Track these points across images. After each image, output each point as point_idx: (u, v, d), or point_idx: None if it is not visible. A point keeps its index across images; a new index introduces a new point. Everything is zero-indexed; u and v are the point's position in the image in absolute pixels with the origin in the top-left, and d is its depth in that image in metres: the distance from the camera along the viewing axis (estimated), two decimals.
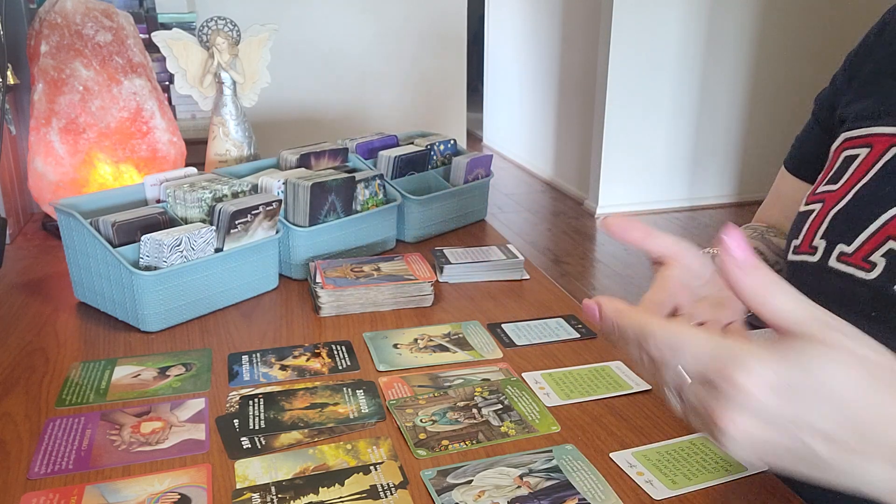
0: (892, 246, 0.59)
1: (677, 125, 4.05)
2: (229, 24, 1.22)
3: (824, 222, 0.65)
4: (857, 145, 0.67)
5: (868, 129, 0.66)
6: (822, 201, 0.67)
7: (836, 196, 0.65)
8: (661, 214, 4.10)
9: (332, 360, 0.81)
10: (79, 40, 1.15)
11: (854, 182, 0.64)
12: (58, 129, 1.15)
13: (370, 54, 2.80)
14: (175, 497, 0.59)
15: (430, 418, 0.70)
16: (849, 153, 0.67)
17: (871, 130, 0.66)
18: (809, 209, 0.68)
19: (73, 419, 0.70)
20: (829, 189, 0.67)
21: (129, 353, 0.83)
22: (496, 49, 5.46)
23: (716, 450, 0.66)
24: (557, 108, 4.55)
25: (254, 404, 0.72)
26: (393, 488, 0.60)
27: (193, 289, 0.90)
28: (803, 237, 0.67)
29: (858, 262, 0.61)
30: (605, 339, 0.72)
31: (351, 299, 0.93)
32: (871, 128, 0.66)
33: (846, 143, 0.68)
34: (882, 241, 0.59)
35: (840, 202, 0.64)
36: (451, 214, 1.23)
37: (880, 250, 0.59)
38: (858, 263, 0.61)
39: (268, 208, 0.95)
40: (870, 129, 0.66)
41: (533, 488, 0.60)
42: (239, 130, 1.25)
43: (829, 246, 0.63)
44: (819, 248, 0.64)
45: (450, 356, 0.83)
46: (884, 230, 0.60)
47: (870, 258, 0.60)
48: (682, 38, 3.88)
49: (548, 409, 0.72)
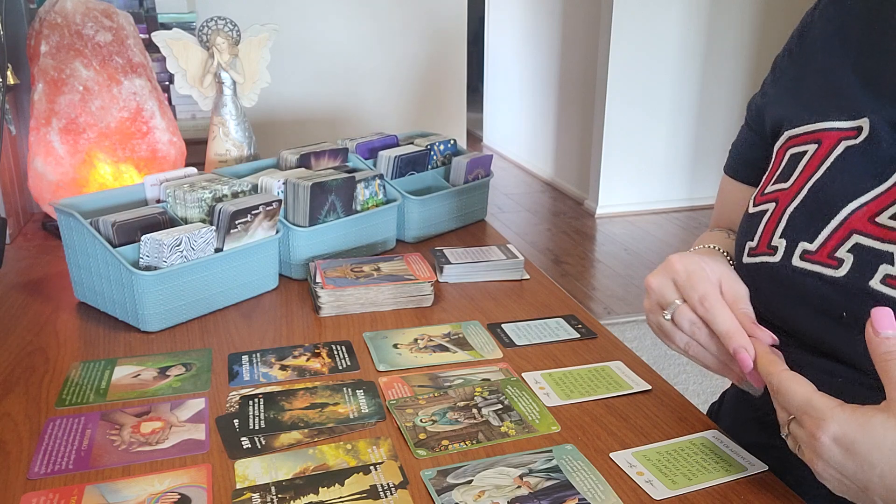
0: (858, 240, 0.57)
1: (677, 125, 4.05)
2: (229, 24, 1.22)
3: (781, 221, 0.63)
4: (803, 142, 0.65)
5: (814, 126, 0.65)
6: (776, 200, 0.65)
7: (789, 194, 0.64)
8: (661, 214, 4.11)
9: (332, 360, 0.81)
10: (79, 40, 1.15)
11: (806, 178, 0.63)
12: (58, 129, 1.15)
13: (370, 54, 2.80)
14: (175, 497, 0.59)
15: (430, 418, 0.70)
16: (795, 151, 0.66)
17: (817, 126, 0.64)
18: (762, 209, 0.66)
19: (73, 419, 0.70)
20: (781, 188, 0.65)
21: (129, 353, 0.83)
22: (496, 49, 5.46)
23: (716, 450, 0.66)
24: (557, 108, 4.55)
25: (254, 404, 0.72)
26: (393, 488, 0.60)
27: (193, 289, 0.90)
28: (759, 238, 0.65)
29: (824, 259, 0.59)
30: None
31: (351, 299, 0.93)
32: (816, 123, 0.65)
33: (791, 141, 0.67)
34: (846, 236, 0.58)
35: (795, 199, 0.63)
36: (451, 214, 1.23)
37: (845, 245, 0.58)
38: (824, 261, 0.59)
39: (268, 208, 0.95)
40: (816, 125, 0.65)
41: (533, 488, 0.60)
42: (239, 130, 1.25)
43: (790, 245, 0.62)
44: (779, 248, 0.63)
45: (450, 356, 0.83)
46: (846, 225, 0.59)
47: (835, 254, 0.58)
48: (682, 38, 3.88)
49: (548, 409, 0.72)
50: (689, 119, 4.06)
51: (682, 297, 0.64)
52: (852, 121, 0.62)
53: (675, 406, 0.73)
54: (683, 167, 4.14)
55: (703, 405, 0.80)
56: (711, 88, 4.02)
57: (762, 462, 0.64)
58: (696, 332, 0.63)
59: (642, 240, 3.71)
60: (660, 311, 0.65)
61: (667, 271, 0.66)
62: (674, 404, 0.73)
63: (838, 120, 0.63)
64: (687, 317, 0.63)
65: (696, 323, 0.63)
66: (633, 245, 3.64)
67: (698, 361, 0.65)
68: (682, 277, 0.64)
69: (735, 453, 0.65)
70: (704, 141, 4.12)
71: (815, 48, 0.70)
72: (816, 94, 0.67)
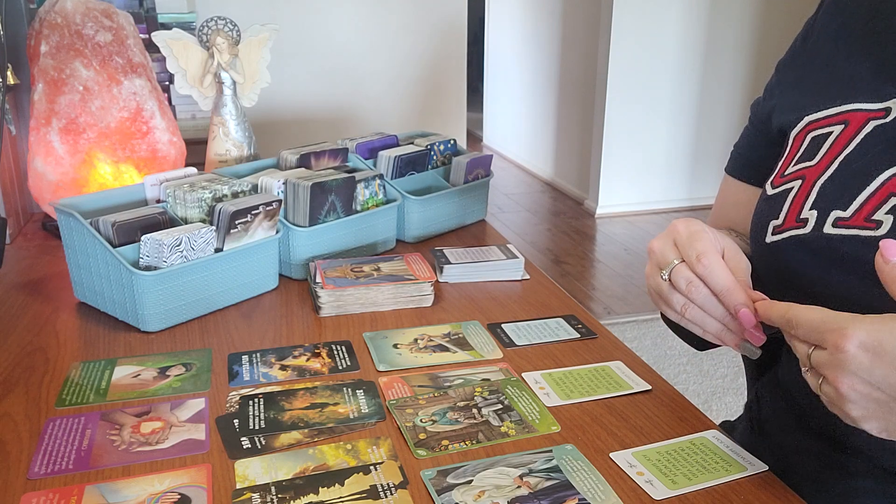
0: None
1: (677, 125, 4.05)
2: (229, 24, 1.22)
3: (811, 194, 0.63)
4: (827, 124, 0.66)
5: (839, 108, 0.66)
6: (802, 178, 0.65)
7: (817, 170, 0.64)
8: (661, 214, 4.11)
9: (332, 360, 0.81)
10: (79, 40, 1.15)
11: (835, 154, 0.63)
12: (58, 129, 1.15)
13: (370, 54, 2.80)
14: (175, 497, 0.59)
15: (430, 418, 0.70)
16: (817, 133, 0.66)
17: (842, 108, 0.65)
18: (785, 188, 0.66)
19: (73, 419, 0.70)
20: (806, 165, 0.66)
21: (129, 353, 0.83)
22: (496, 49, 5.46)
23: (716, 450, 0.66)
24: (557, 107, 4.55)
25: (254, 404, 0.72)
26: (393, 488, 0.60)
27: (193, 289, 0.90)
28: (786, 214, 0.65)
29: (860, 222, 0.59)
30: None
31: (351, 299, 0.93)
32: (841, 106, 0.66)
33: (812, 125, 0.68)
34: (884, 199, 0.58)
35: (824, 174, 0.63)
36: (451, 214, 1.23)
37: (883, 208, 0.58)
38: (861, 224, 0.59)
39: (268, 208, 0.95)
40: (840, 107, 0.66)
41: (533, 488, 0.60)
42: (239, 130, 1.25)
43: (821, 215, 0.62)
44: (810, 219, 0.62)
45: (450, 356, 0.83)
46: (885, 189, 0.59)
47: (873, 217, 0.58)
48: (682, 38, 3.88)
49: (548, 409, 0.72)
50: (689, 119, 4.06)
51: (682, 258, 0.63)
52: (880, 102, 0.63)
53: (675, 406, 0.73)
54: (683, 167, 4.14)
55: (703, 405, 0.80)
56: (711, 88, 4.02)
57: (762, 462, 0.64)
58: (692, 292, 0.62)
59: (642, 240, 3.71)
60: (658, 273, 0.64)
61: (669, 233, 0.65)
62: (674, 404, 0.73)
63: (865, 102, 0.64)
64: (683, 275, 0.62)
65: (693, 282, 0.61)
66: (633, 245, 3.64)
67: (695, 326, 0.64)
68: (682, 237, 0.63)
69: (735, 453, 0.65)
70: (704, 141, 4.12)
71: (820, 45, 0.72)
72: (835, 81, 0.68)
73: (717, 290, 0.61)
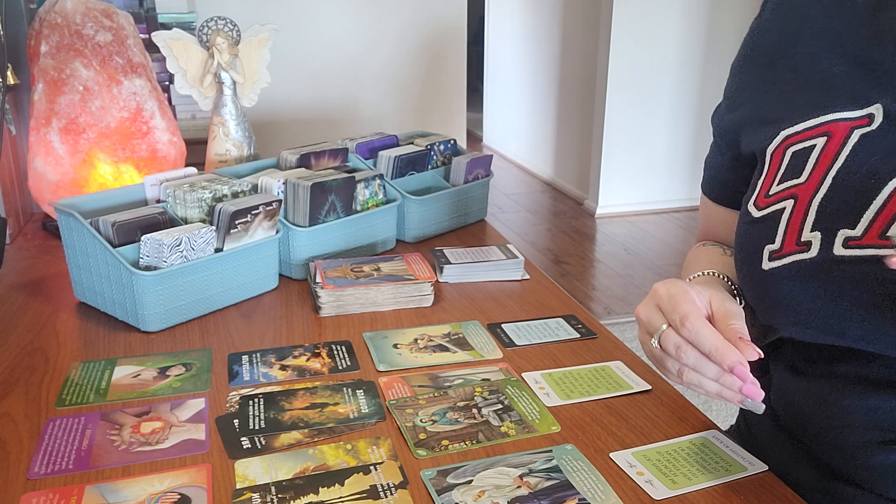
0: None
1: (677, 125, 4.05)
2: (229, 24, 1.22)
3: (809, 215, 0.59)
4: (806, 138, 0.63)
5: (817, 119, 0.62)
6: (794, 197, 0.61)
7: (809, 187, 0.60)
8: (661, 214, 4.10)
9: (332, 360, 0.81)
10: (79, 40, 1.15)
11: (824, 170, 0.60)
12: (58, 129, 1.15)
13: (370, 54, 2.80)
14: (175, 497, 0.59)
15: (430, 418, 0.70)
16: (798, 148, 0.63)
17: (821, 120, 0.62)
18: (776, 209, 0.62)
19: (73, 419, 0.70)
20: (795, 183, 0.62)
21: (129, 353, 0.83)
22: (496, 49, 5.46)
23: (716, 450, 0.66)
24: (557, 108, 4.55)
25: (254, 404, 0.72)
26: (393, 488, 0.60)
27: (193, 289, 0.90)
28: (783, 238, 0.61)
29: (874, 241, 0.55)
30: None
31: (351, 299, 0.93)
32: (819, 117, 0.62)
33: (790, 140, 0.64)
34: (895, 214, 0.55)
35: (818, 191, 0.59)
36: (451, 214, 1.23)
37: None
38: (876, 243, 0.55)
39: (268, 208, 0.95)
40: (818, 118, 0.62)
41: (533, 488, 0.60)
42: (239, 130, 1.25)
43: (826, 236, 0.58)
44: (814, 242, 0.58)
45: (450, 356, 0.83)
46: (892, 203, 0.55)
47: (888, 234, 0.55)
48: (682, 38, 3.88)
49: (548, 409, 0.72)
50: (689, 119, 4.06)
51: (667, 322, 0.61)
52: (860, 109, 0.60)
53: (675, 406, 0.73)
54: (683, 167, 4.14)
55: (702, 405, 0.80)
56: (711, 88, 4.01)
57: (762, 462, 0.64)
58: (682, 357, 0.59)
59: (642, 240, 3.71)
60: (649, 340, 0.63)
61: (651, 297, 0.63)
62: (674, 404, 0.73)
63: (844, 111, 0.61)
64: (672, 340, 0.60)
65: (682, 346, 0.59)
66: (633, 245, 3.64)
67: (695, 388, 0.62)
68: (664, 301, 0.61)
69: (735, 453, 0.65)
70: (704, 141, 4.12)
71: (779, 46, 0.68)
72: (807, 88, 0.65)
73: (705, 352, 0.58)
